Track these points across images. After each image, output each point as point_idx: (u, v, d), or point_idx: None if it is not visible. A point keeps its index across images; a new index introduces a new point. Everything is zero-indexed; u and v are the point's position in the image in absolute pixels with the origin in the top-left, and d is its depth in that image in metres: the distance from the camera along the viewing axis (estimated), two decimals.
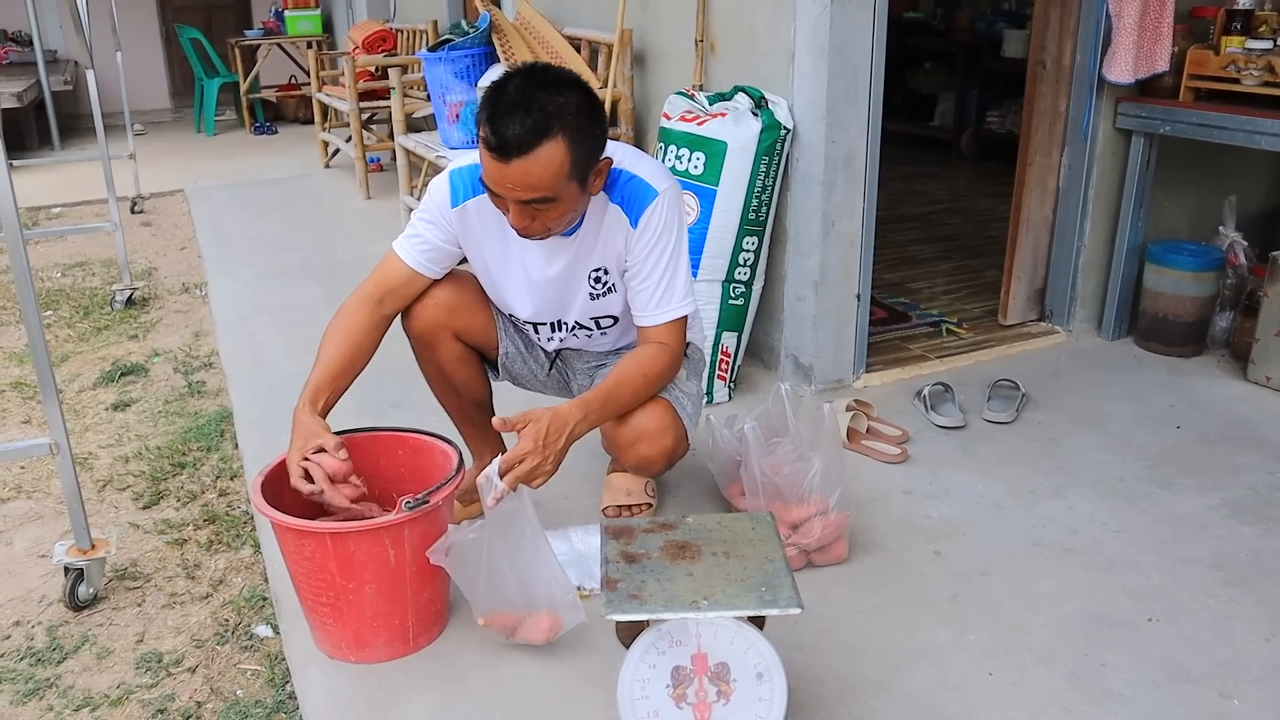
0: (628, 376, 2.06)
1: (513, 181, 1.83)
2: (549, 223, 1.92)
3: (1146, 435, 2.97)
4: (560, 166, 1.82)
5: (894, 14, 8.20)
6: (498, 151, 1.80)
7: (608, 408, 2.04)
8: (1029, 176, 3.54)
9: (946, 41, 7.49)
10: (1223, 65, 3.23)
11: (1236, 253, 3.56)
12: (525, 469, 1.88)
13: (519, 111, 1.79)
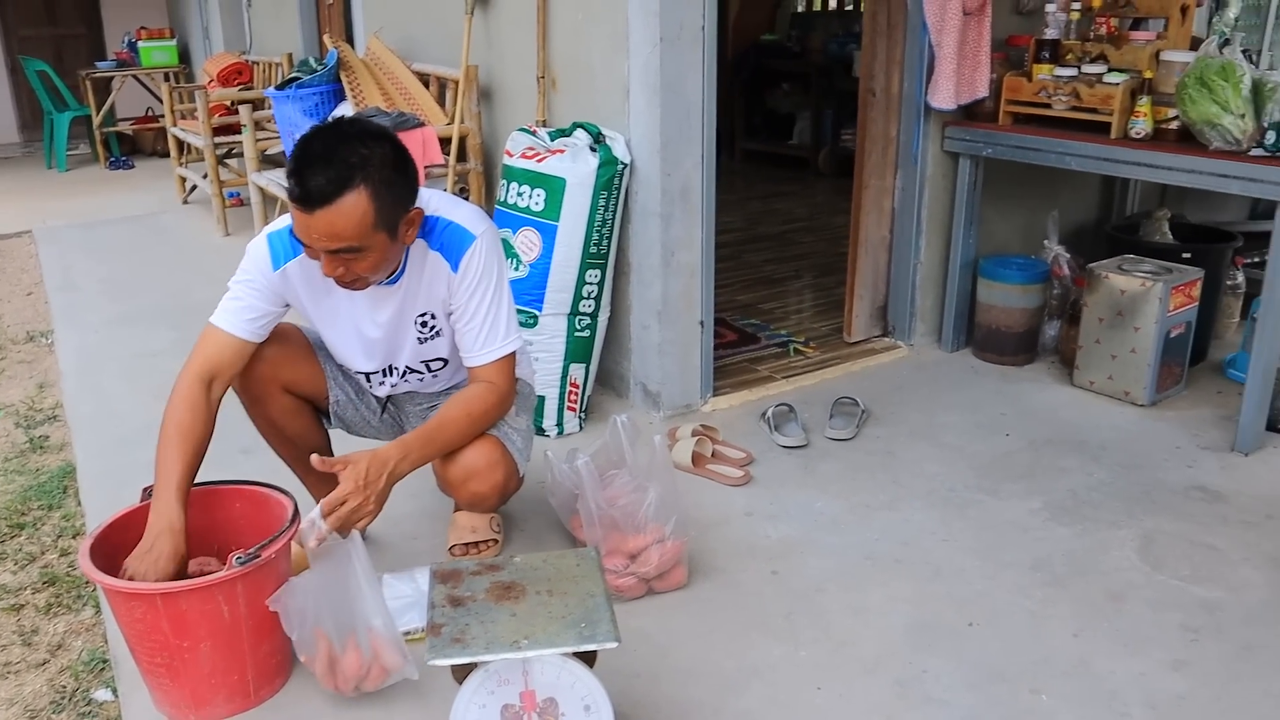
0: (452, 416, 2.11)
1: (318, 232, 1.87)
2: (362, 272, 1.96)
3: (979, 444, 3.12)
4: (364, 217, 1.87)
5: (751, 37, 8.45)
6: (302, 203, 1.85)
7: (430, 446, 2.08)
8: (865, 199, 3.70)
9: (802, 63, 7.72)
10: (1035, 91, 3.43)
11: (1061, 265, 3.76)
12: (346, 510, 1.91)
13: (322, 164, 1.84)
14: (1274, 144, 2.87)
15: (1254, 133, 2.92)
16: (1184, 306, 3.37)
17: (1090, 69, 3.32)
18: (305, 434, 2.38)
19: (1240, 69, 2.97)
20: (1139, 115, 3.18)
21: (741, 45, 8.04)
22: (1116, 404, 3.40)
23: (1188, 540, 2.62)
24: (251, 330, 2.15)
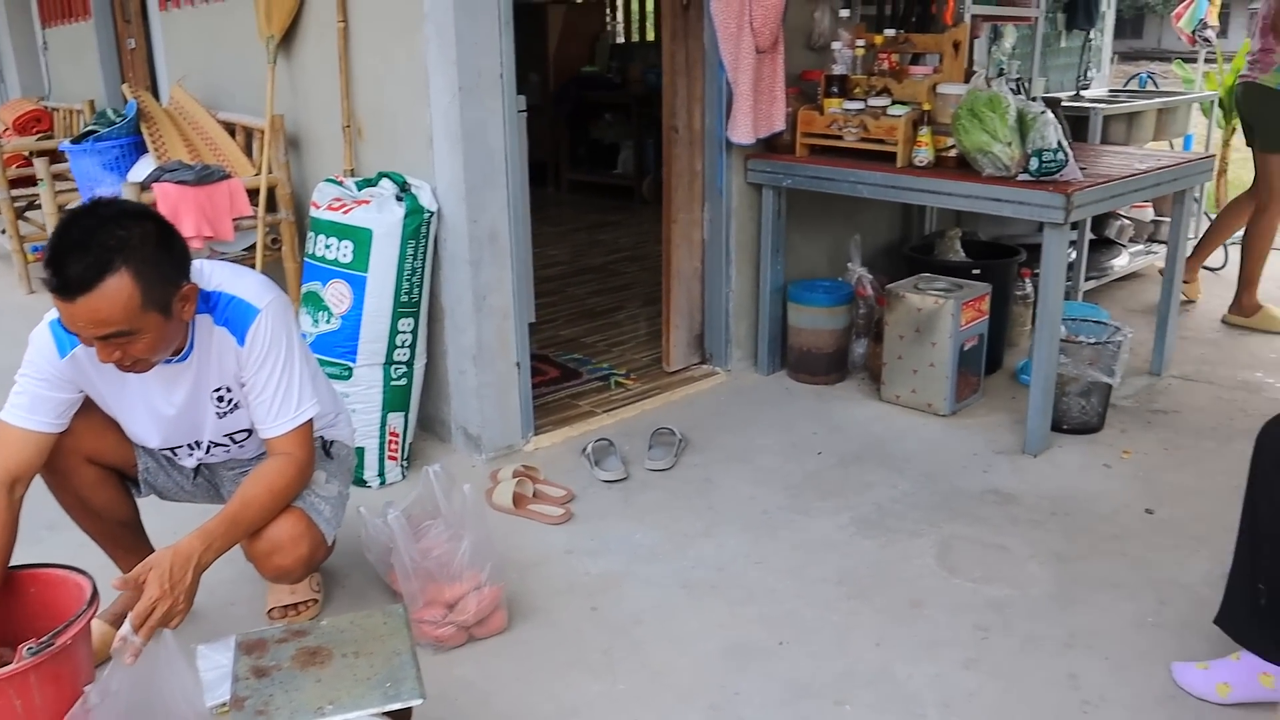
0: (254, 494, 2.08)
1: (82, 320, 1.83)
2: (140, 354, 1.92)
3: (792, 464, 3.26)
4: (130, 299, 1.83)
5: (572, 69, 8.55)
6: (60, 292, 1.81)
7: (235, 530, 2.05)
8: (674, 233, 3.81)
9: (623, 93, 7.87)
10: (827, 124, 3.61)
11: (864, 285, 3.96)
12: (158, 616, 1.86)
13: (78, 250, 1.80)
14: (1037, 169, 3.10)
15: (1021, 159, 3.15)
16: (975, 320, 3.59)
17: (875, 102, 3.52)
18: (112, 505, 2.32)
19: (1006, 101, 3.19)
20: (921, 145, 3.38)
21: (563, 77, 8.16)
22: (920, 416, 3.59)
23: (981, 543, 2.79)
24: (50, 422, 2.08)
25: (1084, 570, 2.66)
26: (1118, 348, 3.39)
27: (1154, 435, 3.46)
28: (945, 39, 3.58)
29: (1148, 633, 2.41)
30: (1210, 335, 4.53)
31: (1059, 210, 3.01)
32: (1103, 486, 3.11)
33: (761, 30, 3.52)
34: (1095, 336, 3.47)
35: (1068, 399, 3.41)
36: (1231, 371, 4.06)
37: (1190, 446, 3.36)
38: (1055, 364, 3.25)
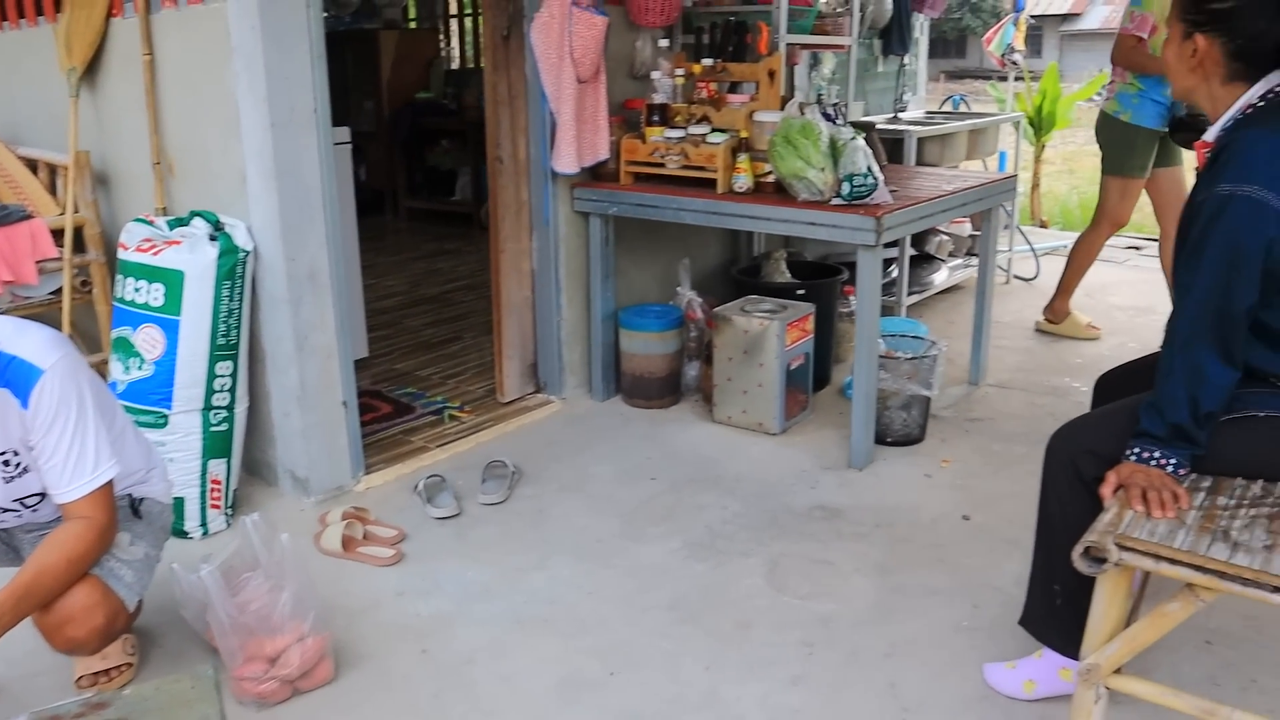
0: (49, 563, 1.98)
1: None
2: None
3: (625, 491, 3.28)
4: None
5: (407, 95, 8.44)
6: None
7: (26, 602, 1.94)
8: (503, 263, 3.80)
9: (459, 119, 7.81)
10: (650, 152, 3.66)
11: (694, 309, 4.02)
12: None
13: None
14: (849, 193, 3.21)
15: (834, 184, 3.26)
16: (800, 340, 3.69)
17: (696, 130, 3.59)
18: None
19: (818, 128, 3.30)
20: (740, 171, 3.47)
21: (397, 104, 8.05)
22: (752, 435, 3.67)
23: (808, 559, 2.86)
24: None
25: (905, 580, 2.76)
26: (934, 361, 3.53)
27: (971, 443, 3.62)
28: (761, 68, 3.68)
29: (963, 636, 2.51)
30: (1024, 344, 4.77)
31: (870, 233, 3.13)
32: (923, 496, 3.23)
33: (582, 60, 3.56)
34: (913, 351, 3.61)
35: (890, 413, 3.54)
36: (1042, 378, 4.29)
37: (1004, 452, 3.53)
38: (875, 380, 3.36)
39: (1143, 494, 1.83)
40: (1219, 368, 1.86)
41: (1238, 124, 1.93)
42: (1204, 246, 1.85)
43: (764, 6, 3.99)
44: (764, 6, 3.99)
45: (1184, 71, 2.01)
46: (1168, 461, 1.88)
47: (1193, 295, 1.87)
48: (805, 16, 4.13)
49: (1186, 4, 1.98)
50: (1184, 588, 1.71)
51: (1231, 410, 1.91)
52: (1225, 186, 1.83)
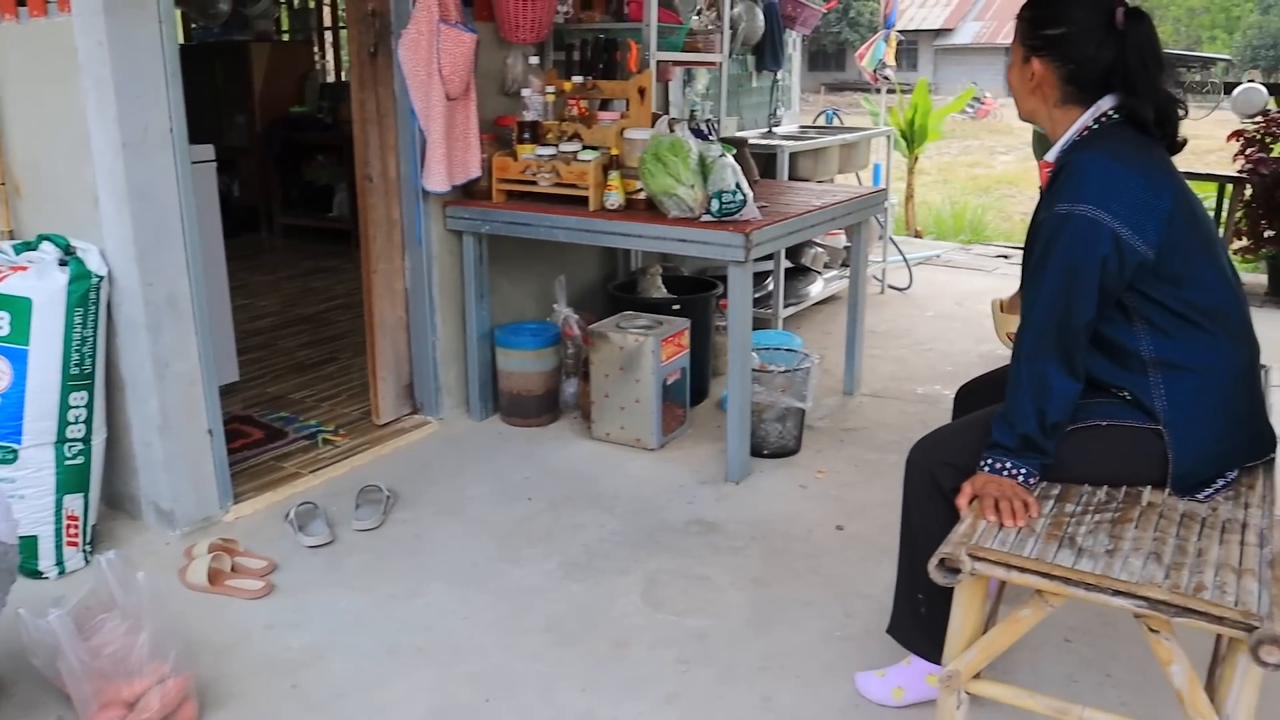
0: None
1: None
2: None
3: (503, 513, 3.25)
4: None
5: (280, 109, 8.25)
6: None
7: None
8: (376, 283, 3.74)
9: (335, 134, 7.65)
10: (522, 170, 3.64)
11: (571, 325, 4.01)
12: None
13: None
14: (719, 210, 3.25)
15: (703, 200, 3.29)
16: (676, 355, 3.71)
17: (567, 148, 3.59)
18: None
19: (688, 145, 3.33)
20: (611, 189, 3.48)
21: (270, 117, 7.86)
22: (630, 451, 3.68)
23: (685, 575, 2.88)
24: None
25: (780, 593, 2.79)
26: (808, 374, 3.59)
27: (845, 453, 3.69)
28: (631, 85, 3.70)
29: (835, 646, 2.55)
30: (897, 353, 4.88)
31: (739, 249, 3.17)
32: (799, 508, 3.28)
33: (451, 78, 3.52)
34: (787, 364, 3.66)
35: (765, 425, 3.58)
36: (914, 386, 4.40)
37: (876, 461, 3.60)
38: (749, 394, 3.40)
39: (995, 504, 1.89)
40: (1063, 380, 1.93)
41: (1074, 146, 2.01)
42: (1045, 264, 1.92)
43: (634, 24, 4.01)
44: (634, 24, 4.01)
45: (1025, 94, 2.10)
46: (1019, 471, 1.94)
47: (1036, 311, 1.94)
48: (676, 34, 4.16)
49: (1025, 30, 2.06)
50: (1034, 594, 1.77)
51: (1076, 420, 1.98)
52: (1062, 206, 1.90)
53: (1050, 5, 2.04)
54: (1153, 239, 1.89)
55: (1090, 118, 2.01)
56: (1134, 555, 1.74)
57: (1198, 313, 1.95)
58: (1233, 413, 1.98)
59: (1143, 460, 1.99)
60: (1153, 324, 1.95)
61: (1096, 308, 1.91)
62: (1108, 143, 1.96)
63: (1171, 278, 1.93)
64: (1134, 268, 1.90)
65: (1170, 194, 1.92)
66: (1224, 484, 1.99)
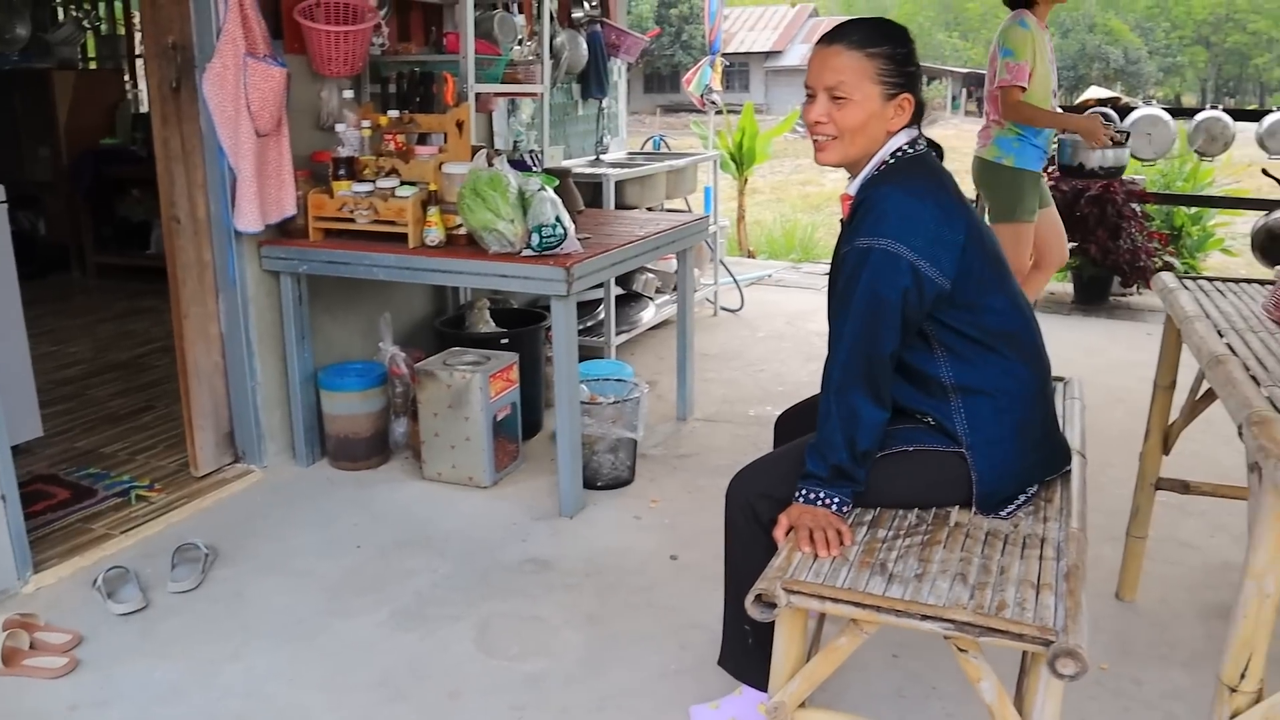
0: None
1: None
2: None
3: (330, 563, 3.13)
4: None
5: (89, 141, 7.85)
6: None
7: None
8: (188, 328, 3.58)
9: (150, 167, 7.28)
10: (339, 207, 3.54)
11: (398, 364, 3.92)
12: None
13: None
14: (539, 245, 3.23)
15: (524, 235, 3.27)
16: (506, 390, 3.67)
17: (384, 183, 3.51)
18: None
19: (506, 179, 3.30)
20: (431, 225, 3.42)
21: (78, 150, 7.46)
22: (463, 490, 3.61)
23: (519, 617, 2.83)
24: None
25: (615, 629, 2.77)
26: (638, 403, 3.60)
27: (679, 480, 3.71)
28: (449, 119, 3.65)
29: (671, 681, 2.55)
30: (730, 376, 4.96)
31: (561, 283, 3.15)
32: (633, 539, 3.28)
33: (260, 113, 3.40)
34: (617, 394, 3.66)
35: (598, 457, 3.57)
36: (746, 408, 4.47)
37: (709, 487, 3.63)
38: (579, 427, 3.39)
39: (810, 535, 1.92)
40: (871, 409, 1.98)
41: (874, 180, 2.06)
42: (849, 298, 1.97)
43: (452, 56, 3.96)
44: (452, 56, 3.96)
45: (867, 135, 2.04)
46: (832, 501, 1.98)
47: (843, 342, 1.99)
48: (494, 65, 4.13)
49: (887, 68, 2.02)
50: (850, 621, 1.80)
51: (885, 447, 2.04)
52: (863, 240, 1.95)
53: (906, 42, 2.07)
54: (949, 270, 1.96)
55: (887, 153, 2.07)
56: (941, 577, 1.79)
57: (992, 338, 2.03)
58: (1029, 432, 2.07)
59: (949, 482, 2.05)
60: (951, 350, 2.03)
61: (900, 338, 1.97)
62: (904, 178, 2.02)
63: (966, 305, 2.00)
64: (932, 298, 1.97)
65: (963, 226, 1.99)
66: (1025, 500, 2.08)
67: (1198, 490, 2.87)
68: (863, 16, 2.16)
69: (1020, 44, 4.15)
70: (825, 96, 2.04)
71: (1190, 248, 7.15)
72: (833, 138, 2.07)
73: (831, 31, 2.08)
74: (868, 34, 2.04)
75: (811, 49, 2.12)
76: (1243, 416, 1.66)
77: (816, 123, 2.07)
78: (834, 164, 2.13)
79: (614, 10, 5.98)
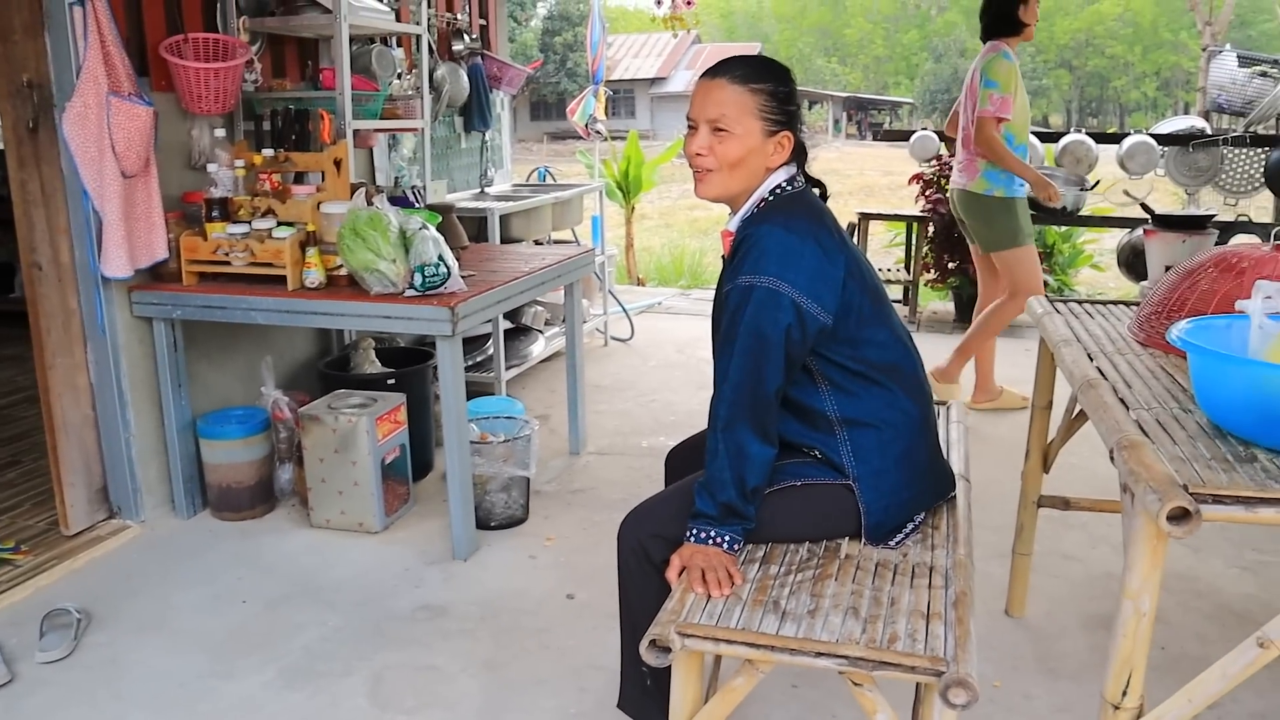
0: None
1: None
2: None
3: (213, 621, 3.01)
4: None
5: None
6: None
7: None
8: (54, 380, 3.41)
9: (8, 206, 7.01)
10: (213, 250, 3.43)
11: (281, 408, 3.80)
12: None
13: None
14: (422, 284, 3.17)
15: (406, 275, 3.20)
16: (394, 432, 3.59)
17: (260, 224, 3.42)
18: None
19: (387, 218, 3.23)
20: (310, 266, 3.33)
21: None
22: (353, 537, 3.51)
23: (414, 667, 2.75)
24: None
25: (512, 674, 2.72)
26: (529, 440, 3.56)
27: (574, 516, 3.68)
28: (326, 157, 3.57)
29: None
30: (622, 406, 4.94)
31: (446, 324, 3.10)
32: (528, 580, 3.23)
33: (126, 154, 3.28)
34: (507, 432, 3.61)
35: (490, 497, 3.52)
36: (640, 440, 4.46)
37: (605, 522, 3.60)
38: (469, 467, 3.33)
39: (703, 575, 1.90)
40: (759, 446, 1.98)
41: (754, 217, 2.06)
42: (734, 335, 1.96)
43: (328, 92, 3.88)
44: (328, 92, 3.88)
45: (747, 171, 2.04)
46: (723, 539, 1.97)
47: (729, 381, 1.98)
48: (373, 100, 4.06)
49: (770, 105, 2.02)
50: (745, 661, 1.78)
51: (774, 483, 2.04)
52: (745, 278, 1.95)
53: (788, 81, 2.08)
54: (830, 306, 1.98)
55: (766, 190, 2.08)
56: (834, 612, 1.80)
57: (875, 370, 2.05)
58: (914, 461, 2.09)
59: (838, 514, 2.06)
60: (835, 384, 2.04)
61: (785, 375, 1.97)
62: (784, 216, 2.02)
63: (848, 340, 2.02)
64: (815, 334, 1.98)
65: (843, 262, 2.01)
66: (913, 528, 2.10)
67: (1078, 506, 2.96)
68: (746, 55, 2.17)
69: (1005, 76, 4.18)
70: (707, 129, 2.05)
71: (1062, 264, 7.42)
72: (711, 171, 2.06)
73: (716, 66, 2.09)
74: (752, 70, 2.05)
75: (695, 82, 2.12)
76: (1114, 441, 1.70)
77: (697, 154, 2.07)
78: (713, 198, 2.12)
79: (495, 42, 5.96)
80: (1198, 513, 1.47)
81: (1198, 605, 3.05)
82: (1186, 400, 1.93)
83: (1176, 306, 2.30)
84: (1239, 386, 1.66)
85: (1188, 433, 1.75)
